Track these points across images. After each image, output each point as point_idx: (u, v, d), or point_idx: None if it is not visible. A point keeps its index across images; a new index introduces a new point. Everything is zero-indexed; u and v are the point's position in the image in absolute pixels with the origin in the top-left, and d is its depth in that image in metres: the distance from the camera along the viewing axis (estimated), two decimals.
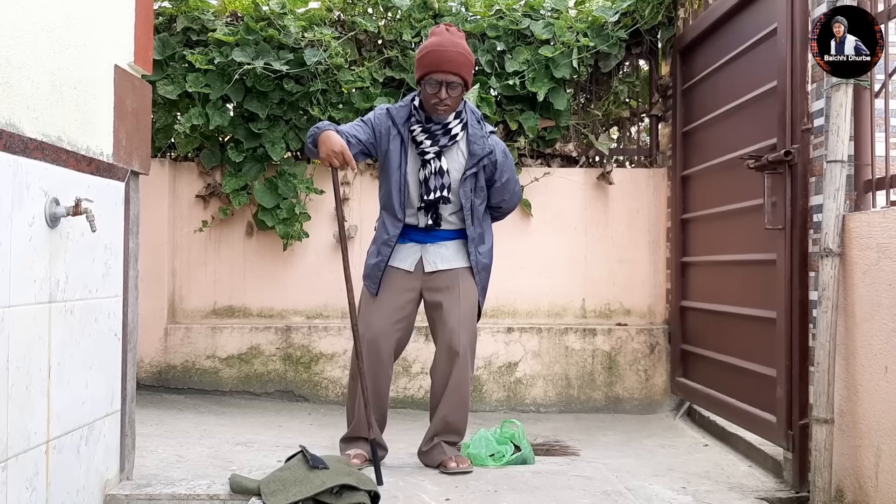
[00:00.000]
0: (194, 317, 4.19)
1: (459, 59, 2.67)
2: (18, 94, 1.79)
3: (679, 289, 3.89)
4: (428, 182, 2.73)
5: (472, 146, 2.76)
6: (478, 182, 2.79)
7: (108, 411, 2.28)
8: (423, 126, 2.74)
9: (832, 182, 2.36)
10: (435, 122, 2.73)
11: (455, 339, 2.70)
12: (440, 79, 2.65)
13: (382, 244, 2.79)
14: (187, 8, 3.99)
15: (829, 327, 2.36)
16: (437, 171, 2.73)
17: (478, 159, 2.76)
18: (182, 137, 4.01)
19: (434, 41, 2.70)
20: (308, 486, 2.23)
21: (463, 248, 2.83)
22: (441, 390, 2.75)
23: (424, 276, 2.80)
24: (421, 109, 2.75)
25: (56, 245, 1.96)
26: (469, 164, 2.76)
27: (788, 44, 2.67)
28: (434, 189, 2.72)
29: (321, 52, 3.89)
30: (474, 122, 2.80)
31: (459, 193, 2.76)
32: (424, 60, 2.69)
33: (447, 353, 2.72)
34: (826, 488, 2.36)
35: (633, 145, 4.46)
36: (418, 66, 2.72)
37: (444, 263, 2.79)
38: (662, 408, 4.08)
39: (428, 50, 2.69)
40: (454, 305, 2.74)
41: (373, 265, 2.80)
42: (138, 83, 2.43)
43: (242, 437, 3.27)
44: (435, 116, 2.72)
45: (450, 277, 2.78)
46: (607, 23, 4.10)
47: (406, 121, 2.77)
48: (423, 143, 2.74)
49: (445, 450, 2.75)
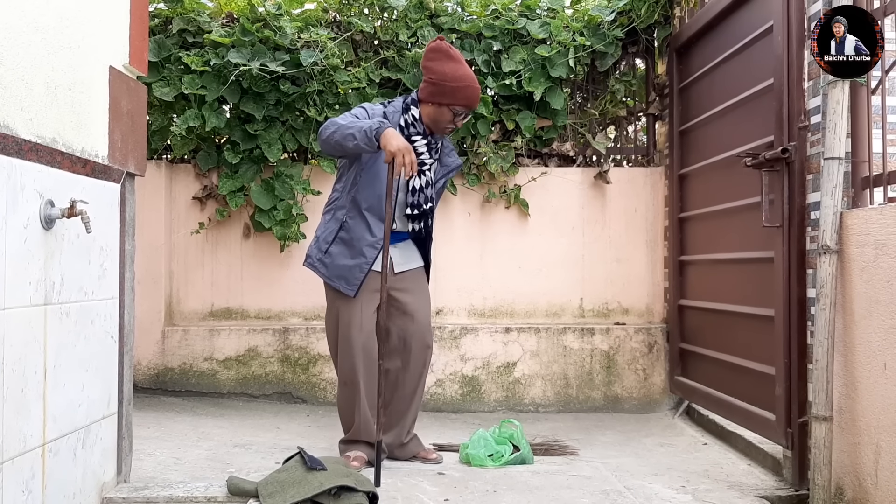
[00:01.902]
0: (191, 319, 4.18)
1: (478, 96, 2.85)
2: (12, 96, 1.79)
3: (677, 287, 3.89)
4: (424, 191, 2.87)
5: (445, 158, 3.00)
6: (439, 190, 3.02)
7: (104, 414, 2.27)
8: (428, 140, 2.87)
9: (829, 179, 2.36)
10: (434, 138, 2.88)
11: (427, 335, 2.92)
12: (464, 111, 2.82)
13: (367, 246, 2.80)
14: (183, 9, 3.98)
15: (827, 325, 2.36)
16: (430, 182, 2.90)
17: (449, 170, 3.02)
18: (178, 139, 4.00)
19: (463, 72, 2.79)
20: (306, 488, 2.23)
21: (415, 248, 2.98)
22: (415, 384, 2.93)
23: (393, 275, 2.89)
24: (420, 123, 2.85)
25: (51, 247, 1.95)
26: (441, 173, 2.99)
27: (785, 41, 2.67)
28: (428, 199, 2.89)
29: (317, 53, 3.89)
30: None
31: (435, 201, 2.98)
32: (461, 94, 2.78)
33: (422, 348, 2.91)
34: (826, 486, 2.36)
35: (631, 144, 4.46)
36: (444, 92, 2.78)
37: (407, 264, 2.95)
38: (661, 407, 4.07)
39: (465, 85, 2.78)
40: (421, 303, 2.93)
41: (351, 266, 2.81)
42: (133, 84, 2.42)
43: (240, 439, 3.26)
44: (438, 136, 2.89)
45: (412, 277, 2.95)
46: (603, 22, 4.10)
47: (401, 128, 2.84)
48: (422, 156, 2.85)
49: (420, 441, 2.97)
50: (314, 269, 2.91)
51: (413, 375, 2.92)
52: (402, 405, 2.93)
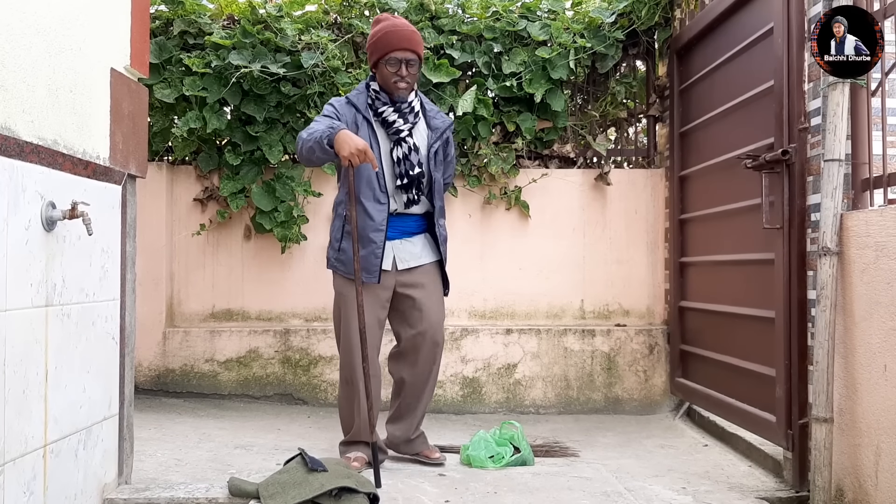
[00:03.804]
0: (192, 320, 4.19)
1: (415, 38, 2.81)
2: (14, 98, 1.79)
3: (678, 289, 3.89)
4: (409, 158, 2.81)
5: (432, 120, 2.92)
6: (438, 156, 2.92)
7: (105, 415, 2.27)
8: (394, 106, 2.82)
9: (830, 181, 2.36)
10: (401, 101, 2.83)
11: (437, 332, 2.88)
12: (400, 57, 2.76)
13: (373, 232, 2.77)
14: (184, 11, 3.98)
15: (827, 326, 2.36)
16: (413, 148, 2.83)
17: (441, 132, 2.92)
18: (179, 141, 4.01)
19: (386, 24, 2.81)
20: (307, 489, 2.23)
21: (426, 243, 2.93)
22: (424, 381, 2.90)
23: (398, 273, 2.87)
24: (383, 91, 2.83)
25: (52, 249, 1.95)
26: (433, 137, 2.90)
27: (785, 43, 2.67)
28: (414, 165, 2.81)
29: (318, 54, 3.89)
30: (424, 98, 2.97)
31: (429, 168, 2.88)
32: (381, 42, 2.78)
33: (431, 346, 2.87)
34: (826, 487, 2.36)
35: (631, 146, 4.46)
36: (374, 49, 2.81)
37: (415, 260, 2.90)
38: (662, 408, 4.07)
39: (384, 31, 2.78)
40: (430, 300, 2.88)
41: (365, 255, 2.75)
42: (135, 86, 2.42)
43: (241, 440, 3.26)
44: (396, 95, 2.81)
45: (421, 273, 2.90)
46: (604, 24, 4.11)
47: (369, 106, 2.84)
48: (395, 123, 2.82)
49: (426, 440, 2.95)
50: (335, 270, 2.88)
51: (422, 372, 2.89)
52: (411, 401, 2.92)
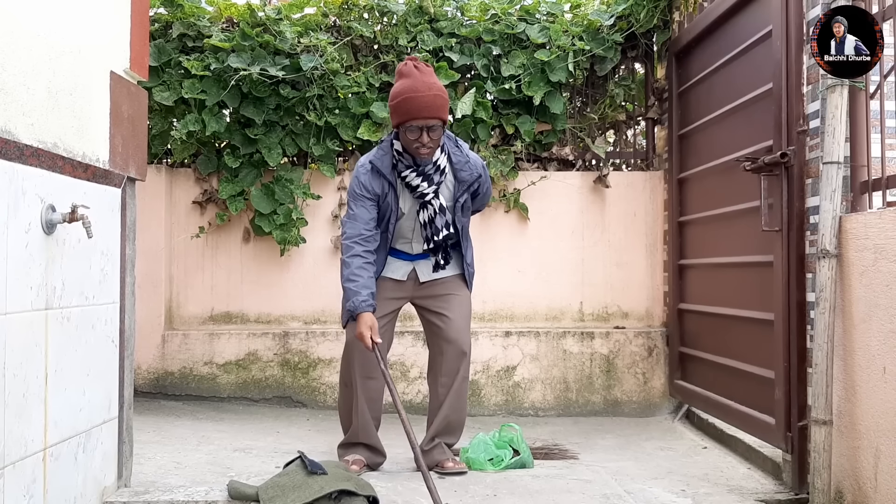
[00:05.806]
0: (192, 323, 4.18)
1: (437, 103, 2.63)
2: (14, 101, 1.79)
3: (677, 291, 3.89)
4: (435, 222, 2.75)
5: (459, 173, 2.78)
6: (466, 204, 2.84)
7: (105, 418, 2.27)
8: (416, 170, 2.72)
9: (828, 183, 2.37)
10: (425, 165, 2.71)
11: (463, 341, 2.80)
12: (420, 125, 2.62)
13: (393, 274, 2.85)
14: (183, 14, 3.99)
15: (826, 329, 2.36)
16: (439, 210, 2.75)
17: (467, 185, 2.79)
18: (178, 143, 4.01)
19: (406, 85, 2.63)
20: (306, 492, 2.23)
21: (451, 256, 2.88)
22: (446, 391, 2.82)
23: (418, 285, 2.86)
24: (405, 153, 2.71)
25: (52, 252, 1.95)
26: (459, 190, 2.80)
27: (784, 46, 2.68)
28: (441, 228, 2.75)
29: (317, 57, 3.90)
30: (453, 146, 2.81)
31: (454, 219, 2.81)
32: (401, 108, 2.62)
33: (456, 355, 2.80)
34: (825, 490, 2.36)
35: (630, 148, 4.47)
36: (394, 112, 2.66)
37: (438, 272, 2.86)
38: (661, 411, 4.07)
39: (403, 97, 2.62)
40: (456, 311, 2.83)
41: None
42: (134, 89, 2.42)
43: (240, 443, 3.26)
44: (419, 160, 2.70)
45: (446, 285, 2.87)
46: (603, 26, 4.11)
47: (393, 168, 2.74)
48: (419, 187, 2.72)
49: (445, 450, 2.83)
50: None
51: (444, 383, 2.81)
52: (430, 412, 2.88)
